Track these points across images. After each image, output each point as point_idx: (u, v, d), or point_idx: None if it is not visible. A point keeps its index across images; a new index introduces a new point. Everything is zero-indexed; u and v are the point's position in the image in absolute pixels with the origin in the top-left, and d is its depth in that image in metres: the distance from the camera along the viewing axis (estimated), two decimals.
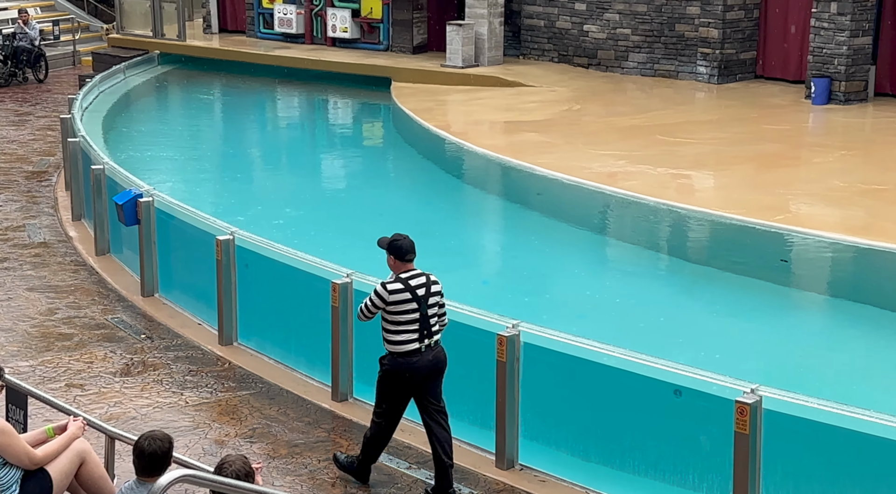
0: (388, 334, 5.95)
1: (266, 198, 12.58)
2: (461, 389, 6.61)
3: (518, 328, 6.19)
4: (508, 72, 17.63)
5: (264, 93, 18.89)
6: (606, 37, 17.81)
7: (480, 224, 12.09)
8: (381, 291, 5.92)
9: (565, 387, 6.20)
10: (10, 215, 11.39)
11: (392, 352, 5.94)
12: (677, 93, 16.24)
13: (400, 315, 5.90)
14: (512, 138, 13.78)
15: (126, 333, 8.25)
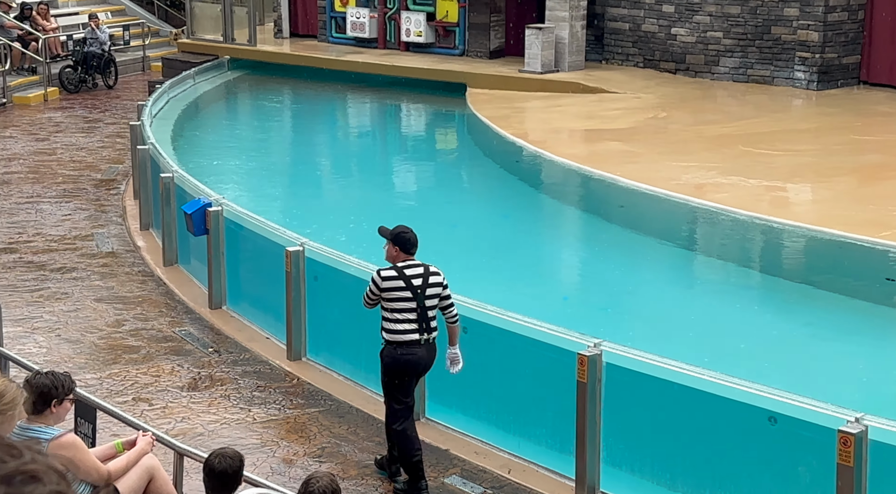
0: (387, 322, 6.21)
1: (336, 208, 12.73)
2: (539, 411, 6.58)
3: (600, 347, 6.15)
4: (590, 77, 17.56)
5: (335, 100, 19.15)
6: (696, 40, 17.62)
7: (559, 237, 12.04)
8: (375, 278, 6.25)
9: (650, 411, 6.13)
10: (78, 224, 11.74)
11: (390, 342, 6.18)
12: (772, 101, 15.97)
13: (395, 302, 6.16)
14: (593, 147, 13.71)
15: (193, 346, 8.43)
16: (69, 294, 9.47)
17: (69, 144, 15.64)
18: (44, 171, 13.97)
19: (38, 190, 13.04)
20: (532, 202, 12.98)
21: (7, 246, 10.82)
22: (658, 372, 5.99)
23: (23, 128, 16.72)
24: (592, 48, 18.85)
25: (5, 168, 14.10)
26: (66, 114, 18.02)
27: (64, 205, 12.41)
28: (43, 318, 8.86)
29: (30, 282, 9.73)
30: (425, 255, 10.48)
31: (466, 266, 10.31)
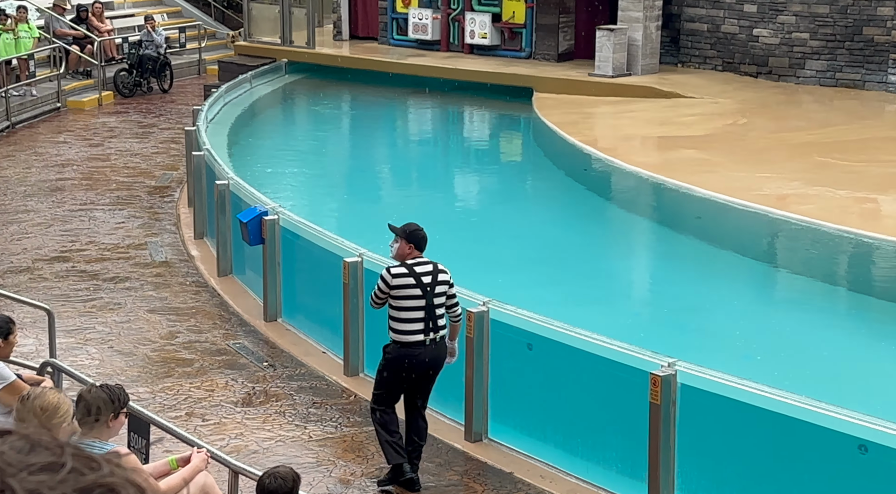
0: (394, 322, 6.37)
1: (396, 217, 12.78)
2: (608, 434, 6.54)
3: (674, 367, 6.10)
4: (665, 81, 17.44)
5: (396, 105, 19.28)
6: (780, 42, 17.39)
7: (630, 250, 11.96)
8: (385, 275, 6.40)
9: (728, 436, 6.05)
10: (132, 232, 11.99)
11: (396, 341, 6.34)
12: (863, 106, 15.68)
13: (404, 300, 6.33)
14: (667, 155, 13.60)
15: (248, 360, 8.54)
16: (122, 304, 9.67)
17: (123, 150, 15.98)
18: (97, 178, 14.29)
19: (92, 197, 13.35)
20: (601, 213, 12.91)
21: (60, 254, 11.09)
22: (737, 395, 5.92)
23: (77, 134, 17.14)
24: (667, 50, 18.72)
25: (59, 174, 14.46)
26: (120, 118, 18.42)
27: (117, 213, 12.68)
28: (95, 329, 9.06)
29: (82, 292, 9.96)
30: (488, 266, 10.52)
31: (531, 279, 10.29)
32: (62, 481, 0.83)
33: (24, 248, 11.22)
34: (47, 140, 16.63)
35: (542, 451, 6.92)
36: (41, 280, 10.27)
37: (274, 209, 9.45)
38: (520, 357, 7.10)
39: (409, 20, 20.59)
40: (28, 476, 0.82)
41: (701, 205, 11.69)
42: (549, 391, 6.97)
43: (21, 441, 0.85)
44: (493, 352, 7.15)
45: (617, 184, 13.38)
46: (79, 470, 0.84)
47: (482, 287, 7.92)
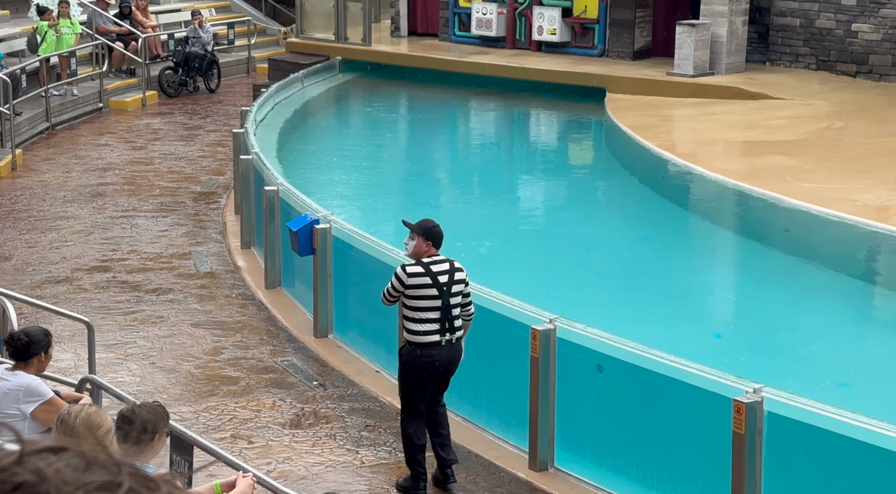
0: (409, 322, 6.59)
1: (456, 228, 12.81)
2: (687, 465, 6.47)
3: (760, 393, 6.02)
4: (751, 81, 17.26)
5: (457, 106, 19.33)
6: (882, 38, 17.11)
7: (712, 264, 11.84)
8: (400, 274, 6.61)
9: (819, 469, 5.95)
10: (175, 241, 12.17)
11: (411, 342, 6.56)
12: None
13: (419, 300, 6.55)
14: (754, 162, 13.45)
15: (297, 379, 8.61)
16: (164, 317, 9.81)
17: (167, 153, 16.24)
18: (140, 183, 14.54)
19: (134, 203, 13.58)
20: (680, 224, 12.81)
21: (101, 263, 11.29)
22: (829, 425, 5.82)
23: (119, 136, 17.46)
24: (755, 47, 18.52)
25: (100, 178, 14.74)
26: (164, 120, 18.73)
27: (161, 220, 12.88)
28: (136, 344, 9.20)
29: (123, 304, 10.12)
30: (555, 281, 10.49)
31: (602, 296, 10.24)
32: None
33: (62, 257, 11.45)
34: (88, 142, 16.96)
35: (613, 482, 6.88)
36: (80, 291, 10.47)
37: (326, 217, 9.52)
38: (589, 379, 7.06)
39: (472, 15, 20.64)
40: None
41: (790, 217, 11.53)
42: (622, 417, 6.92)
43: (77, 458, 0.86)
44: (560, 374, 7.12)
45: (697, 193, 13.25)
46: (136, 491, 0.86)
47: (549, 302, 7.90)
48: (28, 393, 5.79)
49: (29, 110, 17.25)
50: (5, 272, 10.96)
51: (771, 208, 11.81)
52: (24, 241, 11.99)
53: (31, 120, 17.18)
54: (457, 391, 8.07)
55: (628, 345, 6.80)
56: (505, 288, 8.05)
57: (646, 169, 14.24)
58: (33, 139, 16.94)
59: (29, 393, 5.79)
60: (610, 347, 6.87)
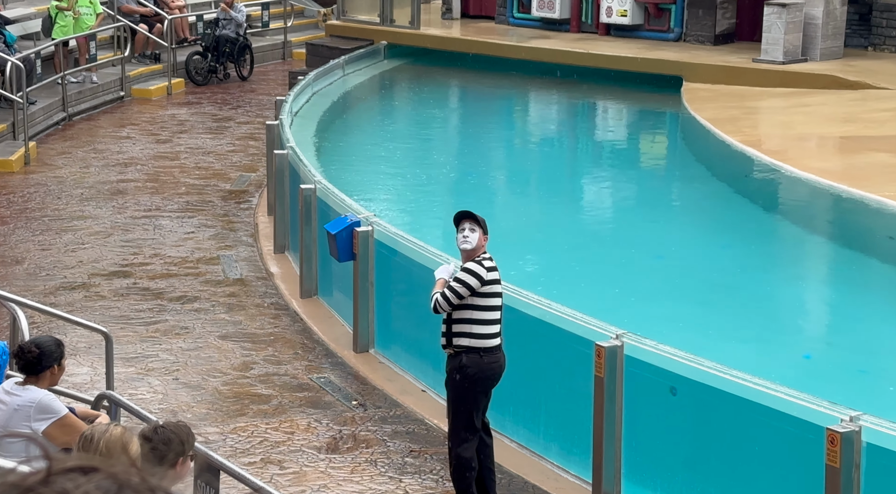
0: (477, 326, 6.70)
1: (513, 232, 12.81)
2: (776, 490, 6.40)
3: (858, 422, 5.94)
4: (850, 68, 17.07)
5: (514, 96, 19.33)
6: None
7: (801, 275, 11.72)
8: (478, 270, 6.76)
9: None
10: (202, 244, 12.28)
11: (474, 348, 6.67)
12: None
13: (490, 298, 6.75)
14: (852, 160, 13.31)
15: (334, 398, 8.65)
16: (190, 329, 9.90)
17: (194, 147, 16.41)
18: (164, 180, 14.70)
19: (158, 202, 13.73)
20: (765, 229, 12.70)
21: (120, 268, 11.43)
22: None
23: (142, 128, 17.68)
24: (855, 30, 18.31)
25: (121, 174, 14.93)
26: (191, 110, 18.92)
27: (186, 221, 13.01)
28: (159, 357, 9.30)
29: (145, 314, 10.24)
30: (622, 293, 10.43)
31: (675, 309, 10.17)
32: None
33: (79, 261, 11.60)
34: (108, 134, 17.18)
35: None
36: (98, 298, 10.60)
37: (368, 219, 9.56)
38: (661, 403, 7.02)
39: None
40: None
41: (895, 223, 11.39)
42: (697, 446, 6.87)
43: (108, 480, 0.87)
44: (628, 397, 7.08)
45: (786, 195, 13.13)
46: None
47: (616, 317, 7.86)
48: (40, 409, 5.87)
49: (44, 99, 17.52)
50: (17, 277, 11.12)
51: (872, 213, 11.67)
52: (38, 243, 12.16)
53: (45, 109, 17.44)
54: (512, 414, 8.06)
55: (705, 365, 6.75)
56: (567, 299, 8.02)
57: (727, 167, 14.13)
58: (48, 130, 17.19)
59: (41, 410, 5.87)
60: (684, 367, 6.82)
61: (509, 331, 8.07)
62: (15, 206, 13.55)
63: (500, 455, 7.76)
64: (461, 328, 6.79)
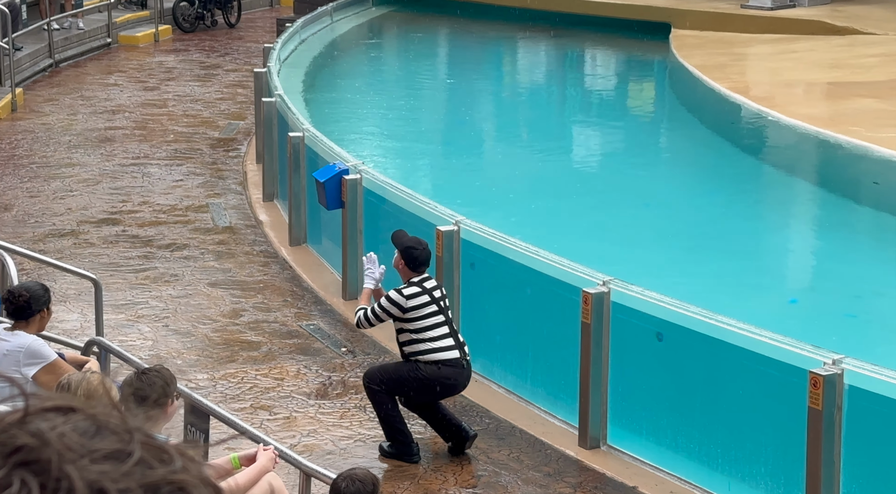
0: (420, 344, 6.82)
1: (501, 180, 12.80)
2: (756, 444, 6.45)
3: (840, 365, 5.98)
4: (838, 14, 16.99)
5: (502, 44, 19.21)
6: None
7: (787, 221, 11.74)
8: (396, 297, 6.90)
9: None
10: (191, 192, 12.24)
11: (431, 361, 6.78)
12: None
13: (423, 320, 6.83)
14: (839, 106, 13.29)
15: (323, 345, 8.67)
16: (179, 276, 9.89)
17: (182, 95, 16.30)
18: (152, 127, 14.62)
19: (146, 149, 13.67)
20: (752, 175, 12.71)
21: (109, 215, 11.39)
22: None
23: (129, 75, 17.55)
24: None
25: (108, 122, 14.83)
26: (179, 57, 18.78)
27: (175, 169, 12.96)
28: (148, 304, 9.30)
29: (134, 261, 10.22)
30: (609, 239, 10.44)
31: (663, 256, 10.19)
32: (127, 474, 0.83)
33: (67, 208, 11.56)
34: (95, 81, 17.05)
35: (672, 462, 6.88)
36: (87, 245, 10.57)
37: (356, 167, 9.53)
38: (647, 349, 7.05)
39: None
40: (90, 465, 0.83)
41: (880, 168, 11.39)
42: (683, 390, 6.91)
43: (87, 421, 0.85)
44: (615, 343, 7.11)
45: (774, 142, 13.12)
46: (147, 462, 0.85)
47: (603, 263, 7.87)
48: (29, 354, 5.87)
49: (30, 45, 17.36)
50: (5, 224, 11.08)
51: (858, 158, 11.67)
52: (26, 190, 12.11)
53: (32, 56, 17.29)
54: (499, 360, 8.10)
55: (691, 311, 6.77)
56: (554, 246, 8.03)
57: (715, 114, 14.10)
58: (35, 77, 17.05)
59: (30, 355, 5.87)
60: (671, 312, 6.84)
61: (496, 278, 8.10)
62: (2, 153, 13.48)
63: (487, 401, 7.80)
64: (412, 347, 6.92)
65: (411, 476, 6.88)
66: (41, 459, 0.82)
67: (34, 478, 0.82)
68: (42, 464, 0.82)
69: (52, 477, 0.82)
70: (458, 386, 6.96)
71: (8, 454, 0.83)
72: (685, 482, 6.76)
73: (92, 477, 0.82)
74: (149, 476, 0.84)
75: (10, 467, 0.82)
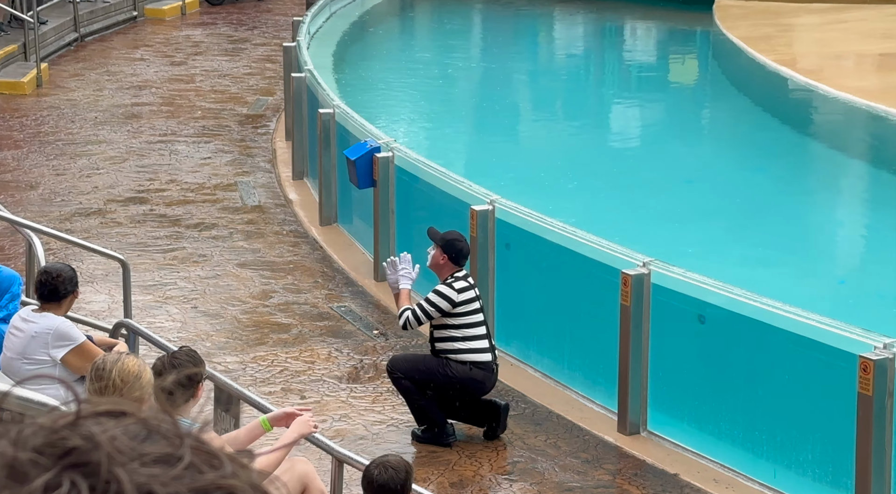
0: (459, 342, 6.80)
1: (538, 158, 12.78)
2: (804, 431, 6.43)
3: (892, 349, 5.94)
4: None
5: (539, 17, 19.13)
6: None
7: (835, 199, 11.67)
8: (447, 291, 6.86)
9: None
10: (219, 170, 12.28)
11: (465, 361, 6.77)
12: None
13: (467, 316, 6.84)
14: (891, 78, 13.16)
15: (355, 327, 8.69)
16: (208, 256, 9.94)
17: (210, 70, 16.35)
18: (180, 103, 14.68)
19: (173, 126, 13.72)
20: (800, 151, 12.63)
21: (136, 194, 11.46)
22: None
23: (156, 49, 17.61)
24: None
25: (135, 98, 14.90)
26: (206, 31, 18.82)
27: (203, 147, 13.01)
28: (177, 285, 9.35)
29: (162, 241, 10.28)
30: (649, 219, 10.41)
31: (706, 235, 10.15)
32: (177, 477, 0.86)
33: (94, 187, 11.63)
34: (121, 56, 17.12)
35: (715, 449, 6.87)
36: (114, 225, 10.64)
37: (388, 144, 9.53)
38: (688, 332, 7.03)
39: None
40: (139, 468, 0.85)
41: None
42: (726, 374, 6.89)
43: (137, 425, 0.88)
44: (655, 326, 7.09)
45: (822, 116, 13.04)
46: (197, 467, 0.87)
47: (643, 243, 7.86)
48: (58, 336, 5.92)
49: (55, 19, 17.45)
50: (31, 202, 11.17)
51: None
52: (52, 168, 12.19)
53: (57, 30, 17.38)
54: (536, 343, 8.10)
55: (735, 293, 6.74)
56: (592, 226, 8.01)
57: (760, 88, 14.01)
58: (60, 52, 17.15)
59: (59, 337, 5.92)
60: (713, 294, 6.82)
61: (534, 259, 8.09)
62: (28, 130, 13.57)
63: (523, 385, 7.81)
64: (450, 346, 6.91)
65: (445, 462, 6.90)
66: (91, 461, 0.85)
67: (84, 480, 0.84)
68: (92, 467, 0.85)
69: (102, 480, 0.84)
70: (483, 389, 6.95)
71: (59, 456, 0.85)
72: (728, 469, 6.74)
73: (141, 480, 0.84)
74: (198, 480, 0.86)
75: (61, 468, 0.84)
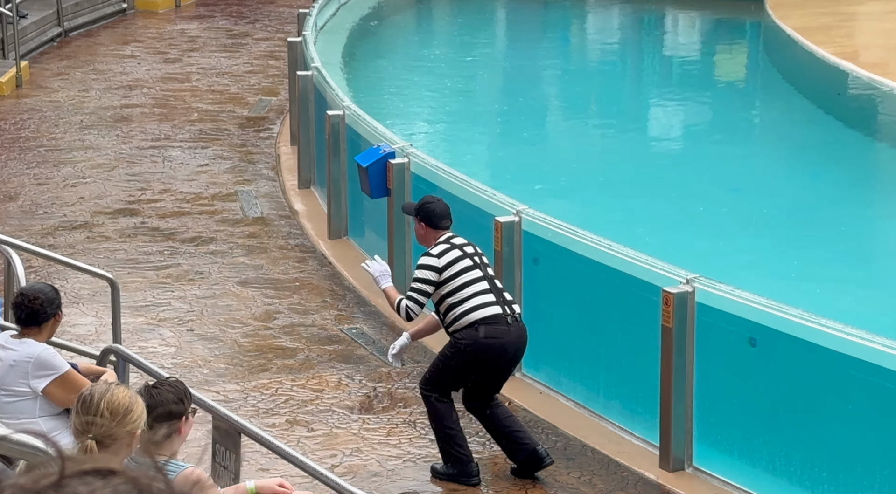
0: (459, 306, 6.88)
1: (566, 163, 12.78)
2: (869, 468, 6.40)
3: None
4: None
5: (570, 8, 19.16)
6: None
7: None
8: (426, 260, 7.04)
9: None
10: (218, 178, 12.32)
11: (470, 324, 6.83)
12: None
13: (458, 277, 6.92)
14: None
15: (367, 351, 8.70)
16: (205, 274, 9.97)
17: (207, 68, 16.41)
18: (174, 105, 14.73)
19: (167, 130, 13.77)
20: (861, 155, 12.60)
21: (126, 205, 11.50)
22: None
23: (147, 45, 17.69)
24: None
25: (124, 99, 14.97)
26: (203, 25, 18.90)
27: (199, 153, 13.05)
28: (171, 306, 9.37)
29: (154, 257, 10.31)
30: (693, 231, 10.38)
31: (756, 248, 10.13)
32: None
33: (80, 197, 11.68)
34: (110, 53, 17.20)
35: (767, 487, 6.86)
36: (102, 239, 10.68)
37: (403, 149, 9.55)
38: (738, 356, 7.02)
39: None
40: None
41: None
42: (779, 404, 6.88)
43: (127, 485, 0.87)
44: (700, 350, 7.08)
45: (887, 116, 13.00)
46: None
47: (687, 258, 7.84)
48: (39, 365, 5.93)
49: (36, 12, 17.55)
50: (10, 215, 11.22)
51: None
52: (33, 177, 12.25)
53: (38, 24, 17.48)
54: (568, 369, 8.09)
55: (790, 313, 6.73)
56: (629, 240, 8.00)
57: (817, 83, 14.00)
58: (42, 48, 17.24)
59: (40, 366, 5.93)
60: (765, 315, 6.81)
61: (565, 276, 8.08)
62: (6, 135, 13.64)
63: (554, 416, 7.79)
64: (451, 316, 6.98)
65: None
66: None
67: None
68: None
69: None
70: (506, 346, 6.90)
71: None
72: None
73: None
74: None
75: None
